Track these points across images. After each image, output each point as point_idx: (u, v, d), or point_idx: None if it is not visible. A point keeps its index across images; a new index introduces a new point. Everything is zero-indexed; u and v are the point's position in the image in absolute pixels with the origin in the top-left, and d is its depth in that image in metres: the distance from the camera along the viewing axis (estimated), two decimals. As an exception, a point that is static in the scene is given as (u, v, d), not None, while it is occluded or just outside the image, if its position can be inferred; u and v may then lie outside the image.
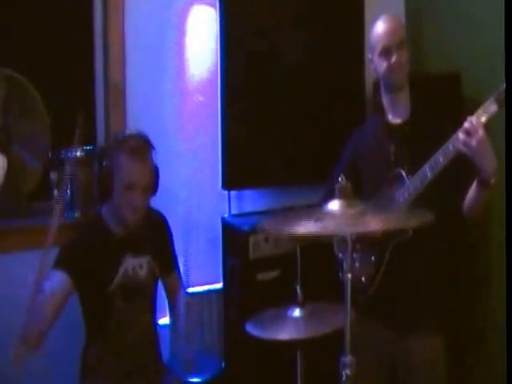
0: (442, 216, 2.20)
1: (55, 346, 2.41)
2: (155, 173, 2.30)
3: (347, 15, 3.28)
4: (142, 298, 2.32)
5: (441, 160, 2.10)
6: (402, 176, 2.24)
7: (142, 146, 2.22)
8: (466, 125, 2.00)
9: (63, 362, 2.57)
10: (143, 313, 2.34)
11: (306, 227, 1.66)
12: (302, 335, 1.85)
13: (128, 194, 2.19)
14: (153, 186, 2.29)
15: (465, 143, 2.00)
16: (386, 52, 2.27)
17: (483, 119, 2.00)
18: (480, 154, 2.00)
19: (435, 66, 3.36)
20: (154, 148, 2.26)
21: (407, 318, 2.29)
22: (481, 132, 1.98)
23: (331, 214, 1.72)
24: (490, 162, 2.02)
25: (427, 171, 2.14)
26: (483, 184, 2.07)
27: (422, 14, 3.49)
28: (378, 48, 2.28)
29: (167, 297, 2.51)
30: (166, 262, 2.43)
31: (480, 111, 2.02)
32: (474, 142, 1.98)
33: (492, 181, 2.05)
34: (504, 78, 1.99)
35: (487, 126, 2.02)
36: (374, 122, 2.49)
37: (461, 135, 2.01)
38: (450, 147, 2.07)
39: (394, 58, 2.25)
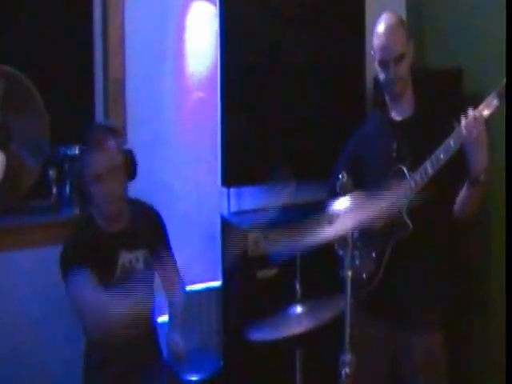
0: (442, 213, 2.21)
1: (55, 347, 2.42)
2: (126, 158, 2.31)
3: (348, 11, 3.27)
4: (139, 291, 2.31)
5: (441, 156, 2.10)
6: (403, 173, 2.23)
7: (101, 136, 2.26)
8: (466, 117, 2.01)
9: (64, 362, 2.57)
10: (142, 308, 2.33)
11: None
12: (300, 331, 1.84)
13: (98, 186, 2.22)
14: (126, 172, 2.30)
15: (463, 135, 2.00)
16: (383, 65, 2.26)
17: (485, 114, 2.01)
18: (474, 148, 2.00)
19: (436, 61, 3.35)
20: (116, 133, 2.30)
21: (407, 315, 2.29)
22: (480, 126, 1.98)
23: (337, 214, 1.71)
24: (482, 159, 2.02)
25: (428, 167, 2.13)
26: (473, 181, 2.06)
27: (423, 9, 3.47)
28: (376, 58, 2.28)
29: (163, 286, 2.51)
30: (160, 252, 2.43)
31: (482, 106, 2.02)
32: (471, 135, 1.99)
33: (481, 177, 2.04)
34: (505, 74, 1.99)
35: (488, 125, 2.02)
36: (376, 118, 2.47)
37: (460, 127, 2.01)
38: (452, 143, 2.07)
39: (390, 73, 2.24)
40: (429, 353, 2.28)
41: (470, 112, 2.01)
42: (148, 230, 2.40)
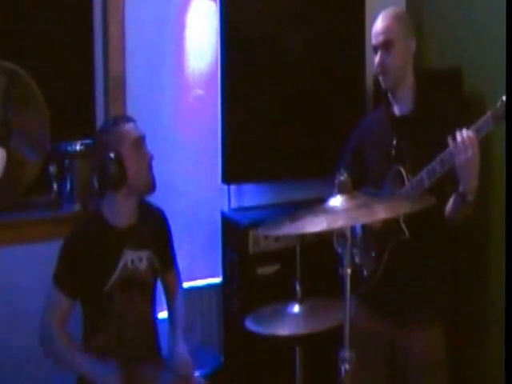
0: (439, 219, 2.20)
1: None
2: None
3: (348, 8, 3.27)
4: (141, 292, 2.32)
5: (437, 168, 2.08)
6: (401, 174, 2.22)
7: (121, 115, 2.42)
8: (459, 137, 1.98)
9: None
10: (142, 307, 2.34)
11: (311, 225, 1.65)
12: (300, 331, 1.85)
13: (139, 151, 2.26)
14: None
15: (454, 154, 2.00)
16: (374, 51, 2.29)
17: (478, 135, 1.99)
18: (464, 168, 1.99)
19: (436, 60, 3.35)
20: None
21: (407, 310, 2.30)
22: (471, 147, 1.96)
23: (333, 210, 1.70)
24: (472, 180, 2.00)
25: (424, 179, 2.12)
26: (461, 198, 2.05)
27: (422, 8, 3.47)
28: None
29: (165, 294, 2.52)
30: (165, 258, 2.43)
31: (476, 126, 2.00)
32: (462, 156, 1.97)
33: (470, 198, 2.03)
34: (504, 96, 1.96)
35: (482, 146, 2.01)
36: (379, 113, 2.45)
37: (452, 146, 2.00)
38: (448, 157, 2.06)
39: (378, 60, 2.26)
40: (428, 347, 2.29)
41: (464, 132, 1.98)
42: (155, 232, 2.39)
